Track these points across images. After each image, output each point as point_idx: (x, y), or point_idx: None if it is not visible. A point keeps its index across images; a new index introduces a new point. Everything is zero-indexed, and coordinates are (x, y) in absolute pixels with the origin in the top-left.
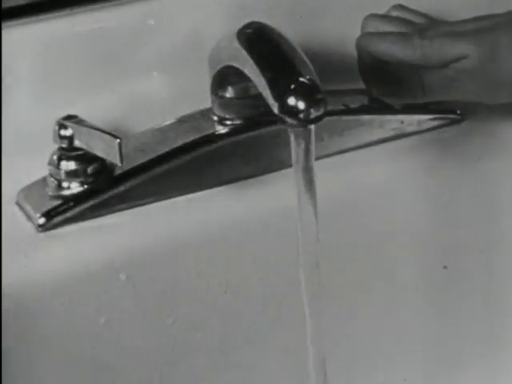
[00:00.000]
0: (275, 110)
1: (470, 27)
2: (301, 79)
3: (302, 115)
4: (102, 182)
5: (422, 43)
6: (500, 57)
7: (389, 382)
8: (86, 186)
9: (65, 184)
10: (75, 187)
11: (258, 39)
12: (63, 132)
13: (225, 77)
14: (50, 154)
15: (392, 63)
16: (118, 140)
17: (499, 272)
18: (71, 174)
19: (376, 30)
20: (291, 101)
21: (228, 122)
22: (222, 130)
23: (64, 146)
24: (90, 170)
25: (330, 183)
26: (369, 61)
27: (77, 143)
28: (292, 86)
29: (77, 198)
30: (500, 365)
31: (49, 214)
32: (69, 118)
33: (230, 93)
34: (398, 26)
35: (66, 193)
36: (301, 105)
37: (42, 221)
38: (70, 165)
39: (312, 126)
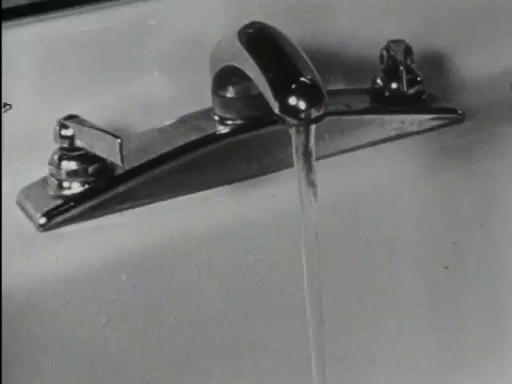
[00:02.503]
0: (276, 109)
1: None
2: (302, 79)
3: (302, 115)
4: (103, 182)
5: None
6: None
7: (389, 381)
8: (86, 186)
9: (65, 184)
10: (76, 187)
11: (260, 39)
12: (64, 132)
13: (226, 77)
14: (50, 154)
15: None
16: (119, 140)
17: (500, 272)
18: (72, 174)
19: None
20: (292, 101)
21: (229, 122)
22: (222, 129)
23: (65, 145)
24: (90, 169)
25: (331, 183)
26: None
27: (78, 143)
28: (293, 86)
29: (77, 198)
30: (502, 365)
31: (49, 214)
32: (70, 117)
33: (231, 93)
34: None
35: (67, 193)
36: (301, 104)
37: (42, 221)
38: (71, 165)
39: (313, 126)
